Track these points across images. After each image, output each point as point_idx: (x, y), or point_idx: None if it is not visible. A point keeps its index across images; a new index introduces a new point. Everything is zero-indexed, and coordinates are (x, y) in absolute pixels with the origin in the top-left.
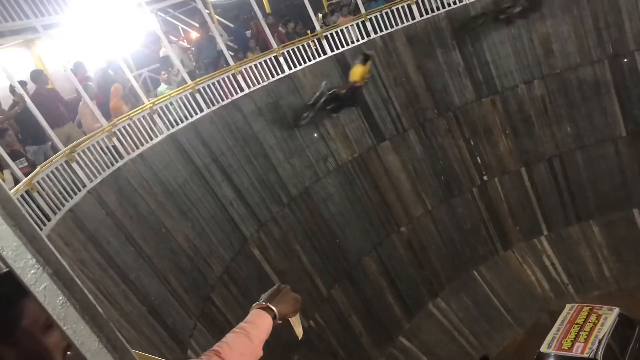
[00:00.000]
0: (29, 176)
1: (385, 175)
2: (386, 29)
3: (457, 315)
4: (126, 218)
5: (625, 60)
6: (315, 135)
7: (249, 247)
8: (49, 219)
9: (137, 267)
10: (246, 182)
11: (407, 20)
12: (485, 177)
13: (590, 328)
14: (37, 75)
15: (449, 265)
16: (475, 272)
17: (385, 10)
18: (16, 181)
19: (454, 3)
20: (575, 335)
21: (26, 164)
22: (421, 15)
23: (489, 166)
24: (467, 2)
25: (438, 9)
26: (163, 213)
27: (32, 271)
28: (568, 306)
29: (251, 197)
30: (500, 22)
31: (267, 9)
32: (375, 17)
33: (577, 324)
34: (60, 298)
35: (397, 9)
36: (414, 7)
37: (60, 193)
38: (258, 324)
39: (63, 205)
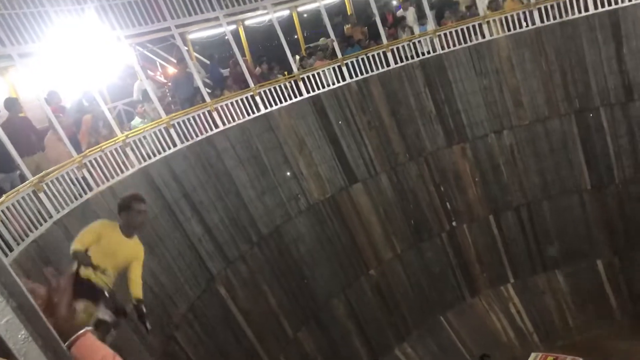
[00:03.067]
0: None
1: (357, 217)
2: (362, 74)
3: None
4: None
5: (591, 115)
6: (288, 173)
7: (216, 285)
8: (11, 250)
9: None
10: (216, 219)
11: (382, 66)
12: (454, 223)
13: None
14: (12, 104)
15: (416, 310)
16: (442, 317)
17: (362, 57)
18: None
19: (428, 52)
20: None
21: None
22: (396, 62)
23: (458, 212)
24: (441, 52)
25: (412, 57)
26: None
27: None
28: (533, 355)
29: (220, 235)
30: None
31: (246, 50)
32: (352, 62)
33: None
34: (23, 332)
35: (373, 56)
36: (389, 54)
37: (25, 223)
38: None
39: (27, 235)
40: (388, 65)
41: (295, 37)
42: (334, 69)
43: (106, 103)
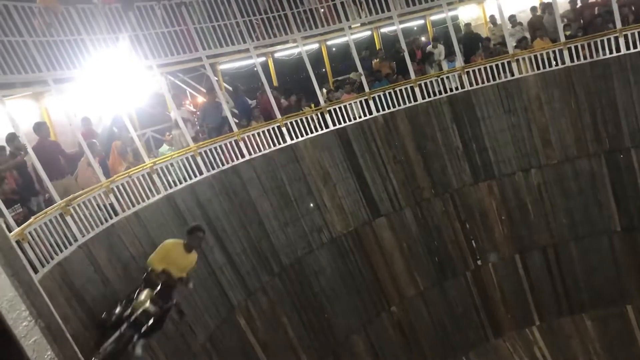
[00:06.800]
0: (22, 226)
1: (379, 252)
2: (388, 108)
3: None
4: (114, 276)
5: (622, 156)
6: (312, 205)
7: (235, 315)
8: (36, 271)
9: None
10: (238, 248)
11: (410, 101)
12: (479, 262)
13: None
14: (39, 127)
15: (438, 349)
16: (464, 358)
17: (389, 91)
18: (8, 230)
19: (456, 89)
20: None
21: (20, 210)
22: (423, 98)
23: (484, 251)
24: (469, 88)
25: (440, 93)
26: None
27: (24, 323)
28: None
29: (242, 264)
30: None
31: (275, 82)
32: (379, 96)
33: None
34: (49, 353)
35: (400, 90)
36: (416, 89)
37: (51, 245)
38: None
39: (52, 258)
40: (415, 100)
41: (324, 70)
42: (361, 102)
43: (135, 130)
